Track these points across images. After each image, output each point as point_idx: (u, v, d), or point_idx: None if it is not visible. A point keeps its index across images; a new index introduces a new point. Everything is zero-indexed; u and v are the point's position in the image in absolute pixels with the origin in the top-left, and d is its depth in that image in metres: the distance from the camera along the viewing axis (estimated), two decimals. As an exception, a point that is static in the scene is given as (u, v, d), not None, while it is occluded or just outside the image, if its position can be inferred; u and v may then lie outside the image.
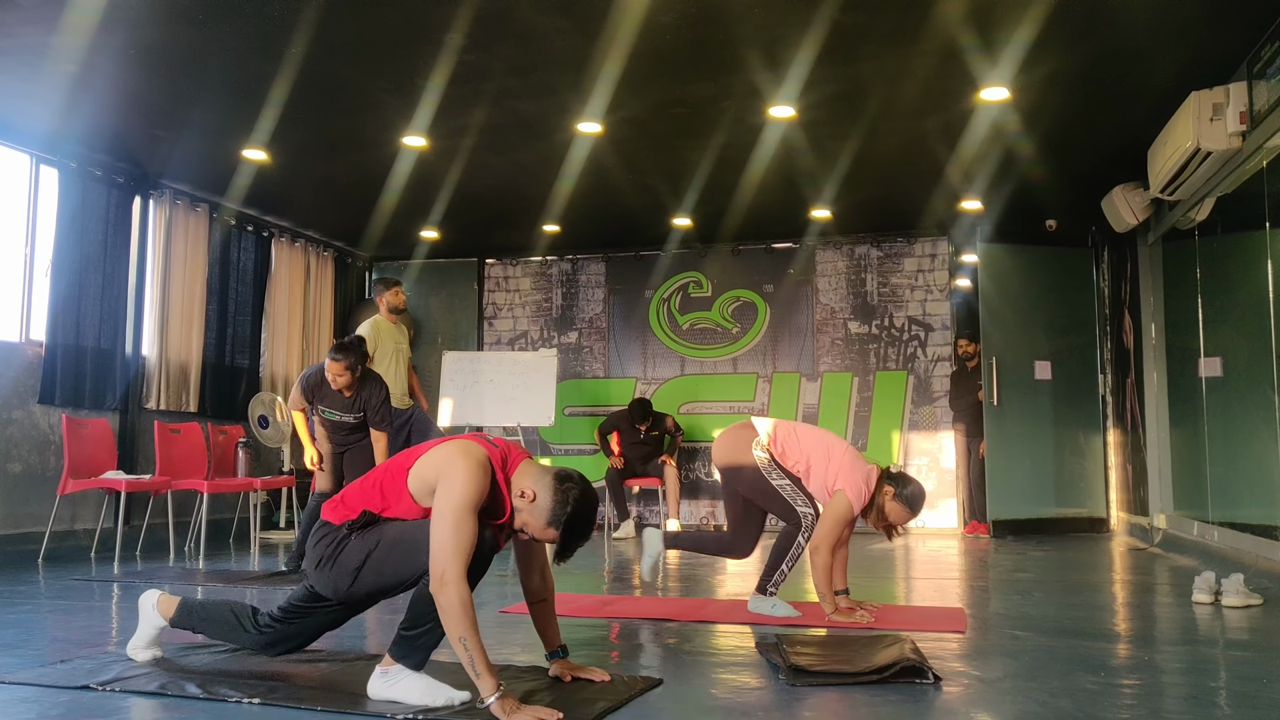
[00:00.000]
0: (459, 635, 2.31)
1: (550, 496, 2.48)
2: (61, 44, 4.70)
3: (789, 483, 3.89)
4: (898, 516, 3.81)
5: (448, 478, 2.44)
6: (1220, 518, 5.92)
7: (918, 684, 2.68)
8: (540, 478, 2.51)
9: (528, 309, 9.36)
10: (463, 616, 2.31)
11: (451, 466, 2.45)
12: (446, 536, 2.36)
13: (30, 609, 4.07)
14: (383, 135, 6.02)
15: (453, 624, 2.32)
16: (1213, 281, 6.11)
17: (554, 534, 2.49)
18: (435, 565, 2.36)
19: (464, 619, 2.31)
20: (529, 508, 2.50)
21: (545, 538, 2.53)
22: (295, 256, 8.49)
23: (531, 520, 2.51)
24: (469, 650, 2.31)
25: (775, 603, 3.90)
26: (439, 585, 2.34)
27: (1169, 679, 2.81)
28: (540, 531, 2.51)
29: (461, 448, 2.50)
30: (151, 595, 2.96)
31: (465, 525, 2.38)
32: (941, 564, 5.93)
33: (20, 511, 5.97)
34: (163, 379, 7.04)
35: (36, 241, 6.23)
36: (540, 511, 2.48)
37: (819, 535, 3.79)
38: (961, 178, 6.91)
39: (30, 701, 2.51)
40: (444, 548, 2.36)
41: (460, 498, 2.40)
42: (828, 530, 3.78)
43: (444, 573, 2.34)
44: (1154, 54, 4.87)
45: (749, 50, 4.78)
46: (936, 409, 8.41)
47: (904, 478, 3.85)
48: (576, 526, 2.49)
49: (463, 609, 2.31)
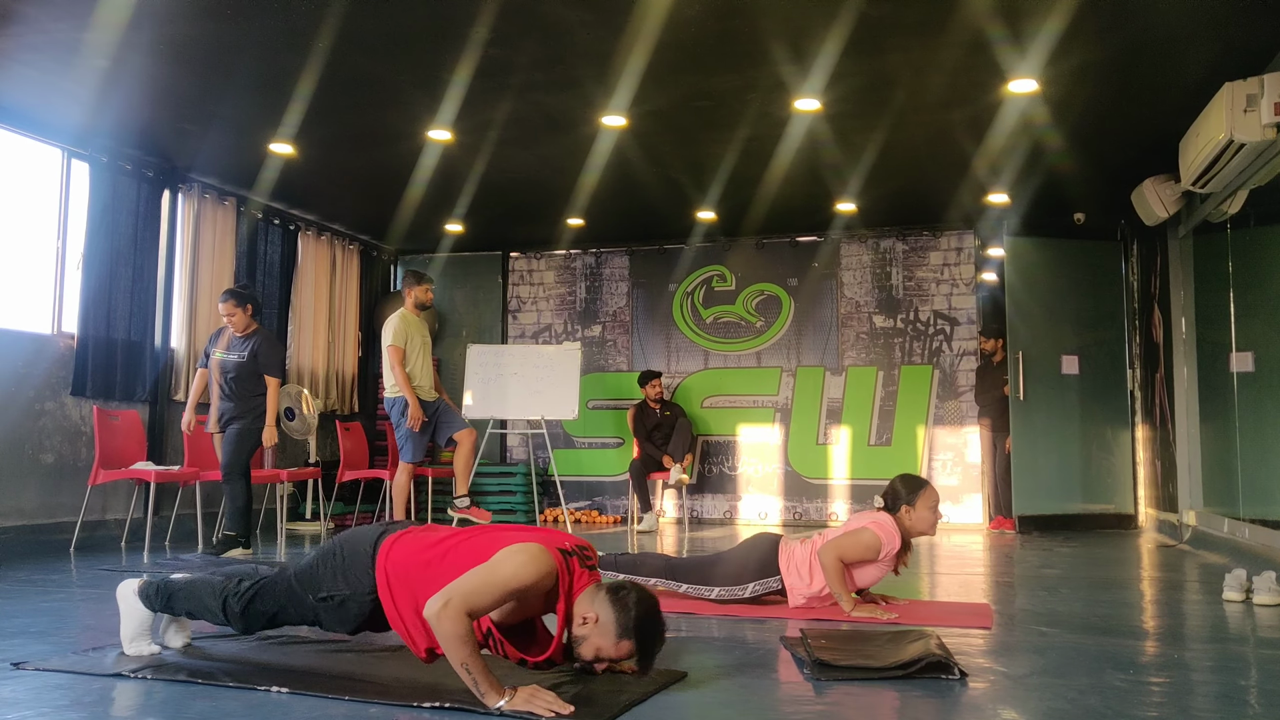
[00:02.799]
0: (460, 661, 2.29)
1: (610, 610, 2.44)
2: (92, 40, 4.75)
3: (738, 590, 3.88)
4: (931, 519, 3.77)
5: (517, 552, 2.39)
6: (1252, 514, 5.84)
7: (943, 679, 2.67)
8: (594, 597, 2.47)
9: (552, 302, 9.37)
10: (461, 642, 2.28)
11: (526, 549, 2.40)
12: (479, 581, 2.33)
13: (63, 597, 4.13)
14: (408, 129, 6.04)
15: (453, 649, 2.29)
16: (1245, 275, 6.02)
17: (629, 645, 2.44)
18: (444, 591, 2.32)
19: (463, 645, 2.28)
20: (595, 630, 2.45)
21: (622, 653, 2.47)
22: (321, 249, 8.55)
23: (603, 642, 2.45)
24: (470, 674, 2.28)
25: None
26: (440, 607, 2.29)
27: (1199, 677, 2.78)
28: (615, 649, 2.45)
29: (541, 551, 2.43)
30: (130, 584, 2.93)
31: (502, 590, 2.34)
32: (967, 559, 5.89)
33: (53, 501, 6.06)
34: (191, 371, 7.10)
35: (68, 235, 6.31)
36: (607, 629, 2.43)
37: (828, 551, 3.73)
38: (988, 170, 6.85)
39: (63, 689, 2.55)
40: (471, 586, 2.32)
41: (514, 575, 2.35)
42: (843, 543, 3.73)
43: (449, 600, 2.29)
44: (1186, 44, 4.80)
45: (774, 42, 4.76)
46: (962, 403, 8.36)
47: (896, 488, 3.81)
48: (647, 627, 2.44)
49: (459, 636, 2.28)
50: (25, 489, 5.90)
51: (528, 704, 2.25)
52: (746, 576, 3.90)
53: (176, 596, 2.85)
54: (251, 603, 2.73)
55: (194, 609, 2.83)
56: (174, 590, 2.86)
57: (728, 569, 3.94)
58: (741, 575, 3.91)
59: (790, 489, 8.62)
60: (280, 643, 3.09)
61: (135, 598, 2.89)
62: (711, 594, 3.93)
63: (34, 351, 6.03)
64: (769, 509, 8.65)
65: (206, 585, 2.82)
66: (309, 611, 2.68)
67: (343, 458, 7.55)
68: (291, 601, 2.69)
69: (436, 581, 2.44)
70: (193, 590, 2.83)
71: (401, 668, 2.78)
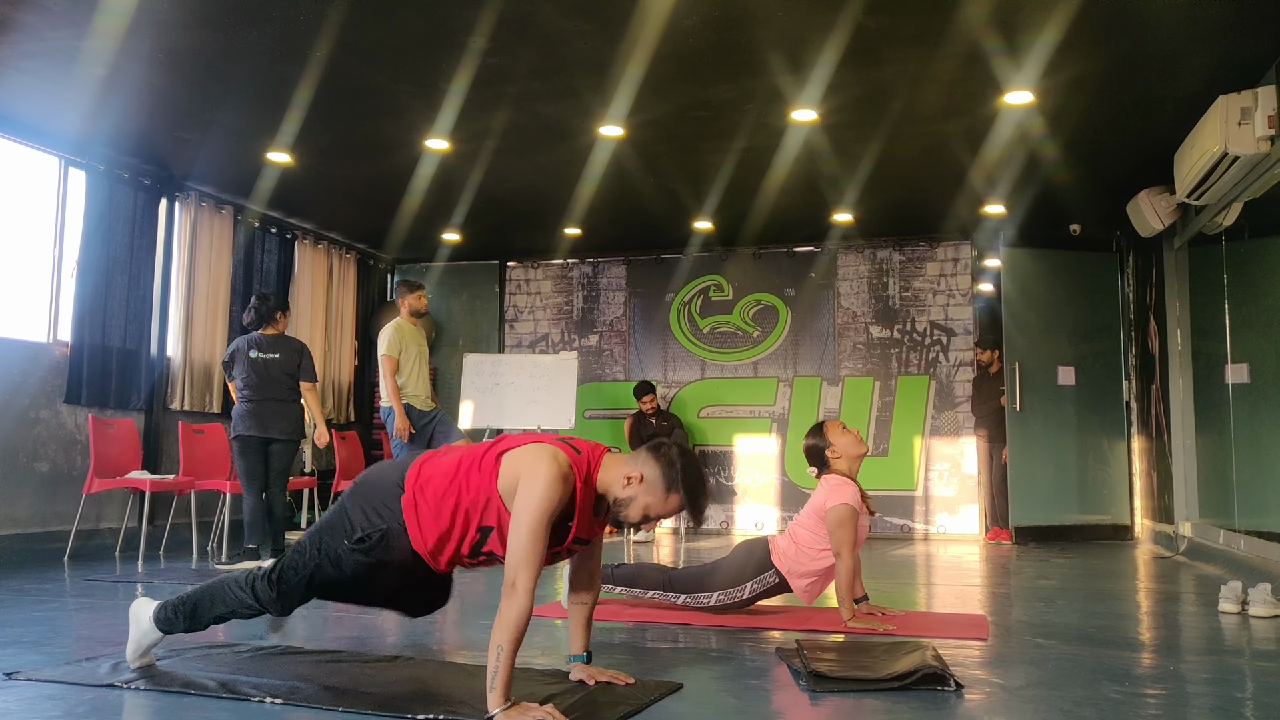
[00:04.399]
0: (499, 642, 2.27)
1: (655, 467, 2.47)
2: (90, 48, 4.75)
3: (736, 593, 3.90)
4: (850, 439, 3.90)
5: (529, 483, 2.40)
6: (1247, 526, 5.85)
7: (939, 691, 2.66)
8: (635, 458, 2.51)
9: (549, 312, 9.37)
10: (514, 627, 2.27)
11: (534, 472, 2.41)
12: (523, 545, 2.34)
13: (56, 607, 4.11)
14: (405, 138, 6.05)
15: (502, 629, 2.27)
16: (1240, 287, 6.04)
17: (678, 499, 2.47)
18: (509, 571, 2.34)
19: (514, 630, 2.27)
20: (642, 489, 2.47)
21: (672, 508, 2.50)
22: (318, 258, 8.55)
23: (651, 499, 2.48)
24: (499, 660, 2.26)
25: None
26: (509, 589, 2.31)
27: (1194, 689, 2.78)
28: (664, 505, 2.48)
29: (548, 453, 2.44)
30: (146, 606, 2.83)
31: (540, 536, 2.35)
32: (963, 570, 5.89)
33: (47, 510, 6.04)
34: (187, 379, 7.10)
35: (65, 243, 6.31)
36: (655, 485, 2.47)
37: (836, 543, 3.77)
38: (985, 181, 6.86)
39: (56, 699, 2.53)
40: (518, 555, 2.33)
41: (539, 507, 2.36)
42: (840, 536, 3.76)
43: (515, 580, 2.31)
44: (1181, 57, 4.83)
45: (771, 53, 4.77)
46: (958, 414, 8.36)
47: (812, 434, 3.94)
48: (694, 478, 2.47)
49: (519, 619, 2.28)
50: (20, 497, 5.88)
51: (521, 716, 2.24)
52: (744, 578, 3.91)
53: (201, 605, 2.74)
54: (283, 575, 2.64)
55: (222, 610, 2.74)
56: (196, 600, 2.75)
57: (725, 574, 3.95)
58: (739, 578, 3.92)
59: (787, 499, 8.62)
60: (274, 654, 3.08)
61: (150, 622, 2.79)
62: (710, 601, 3.93)
63: (29, 360, 6.02)
64: (766, 519, 8.64)
65: (227, 581, 2.75)
66: (347, 565, 2.59)
67: (339, 467, 7.53)
68: (327, 558, 2.61)
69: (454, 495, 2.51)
70: (215, 592, 2.74)
71: (396, 679, 2.77)
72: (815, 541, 3.85)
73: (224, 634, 3.52)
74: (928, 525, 8.31)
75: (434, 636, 3.51)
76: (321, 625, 3.74)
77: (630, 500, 2.49)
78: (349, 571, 2.62)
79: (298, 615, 3.94)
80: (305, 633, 3.56)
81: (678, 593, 3.96)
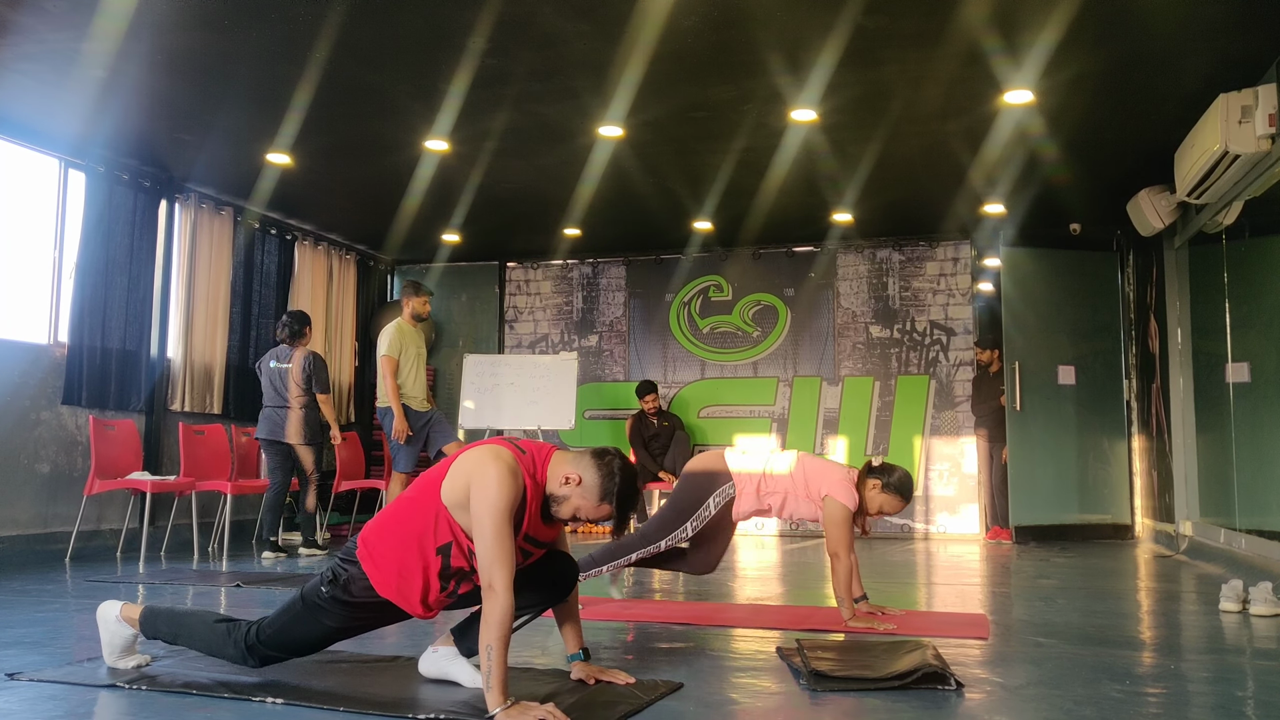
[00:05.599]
0: (488, 643, 2.31)
1: (596, 474, 2.50)
2: (90, 50, 4.76)
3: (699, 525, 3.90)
4: (891, 506, 3.84)
5: (481, 484, 2.43)
6: (1248, 525, 5.85)
7: (939, 690, 2.66)
8: (579, 460, 2.54)
9: (548, 312, 9.38)
10: (499, 625, 2.31)
11: (483, 472, 2.43)
12: (490, 545, 2.37)
13: (58, 608, 4.11)
14: (405, 139, 6.05)
15: (488, 630, 2.32)
16: (1240, 286, 6.04)
17: (608, 509, 2.52)
18: (483, 573, 2.37)
19: (500, 629, 2.31)
20: (577, 492, 2.51)
21: (600, 515, 2.54)
22: (318, 259, 8.55)
23: (584, 503, 2.52)
24: (491, 660, 2.30)
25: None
26: (487, 590, 2.35)
27: (1195, 688, 2.78)
28: (594, 511, 2.53)
29: (491, 452, 2.48)
30: (112, 607, 2.83)
31: (505, 533, 2.38)
32: (964, 570, 5.89)
33: (48, 511, 6.04)
34: (187, 381, 7.10)
35: (65, 245, 6.31)
36: (590, 491, 2.50)
37: (832, 542, 3.78)
38: (984, 181, 6.87)
39: (57, 699, 2.53)
40: (488, 556, 2.36)
41: (495, 503, 2.39)
42: (836, 535, 3.77)
43: (491, 581, 2.35)
44: (1181, 56, 4.83)
45: (770, 53, 4.77)
46: (958, 414, 8.36)
47: (887, 468, 3.86)
48: (628, 494, 2.52)
49: (503, 618, 2.32)
50: (21, 499, 5.89)
51: (521, 715, 2.25)
52: (706, 494, 3.90)
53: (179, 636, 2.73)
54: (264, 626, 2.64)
55: (200, 647, 2.73)
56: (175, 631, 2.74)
57: (686, 501, 3.92)
58: (700, 496, 3.90)
59: (787, 499, 8.60)
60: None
61: (118, 621, 2.80)
62: (687, 533, 3.91)
63: (30, 361, 6.02)
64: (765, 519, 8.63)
65: (208, 621, 2.73)
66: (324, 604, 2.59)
67: (339, 468, 7.54)
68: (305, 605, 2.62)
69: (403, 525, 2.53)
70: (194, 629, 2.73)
71: (396, 680, 2.77)
72: (781, 487, 3.90)
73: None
74: (928, 525, 8.31)
75: (433, 637, 3.51)
76: (322, 626, 3.74)
77: (564, 499, 2.53)
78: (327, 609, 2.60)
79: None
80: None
81: (656, 541, 3.93)
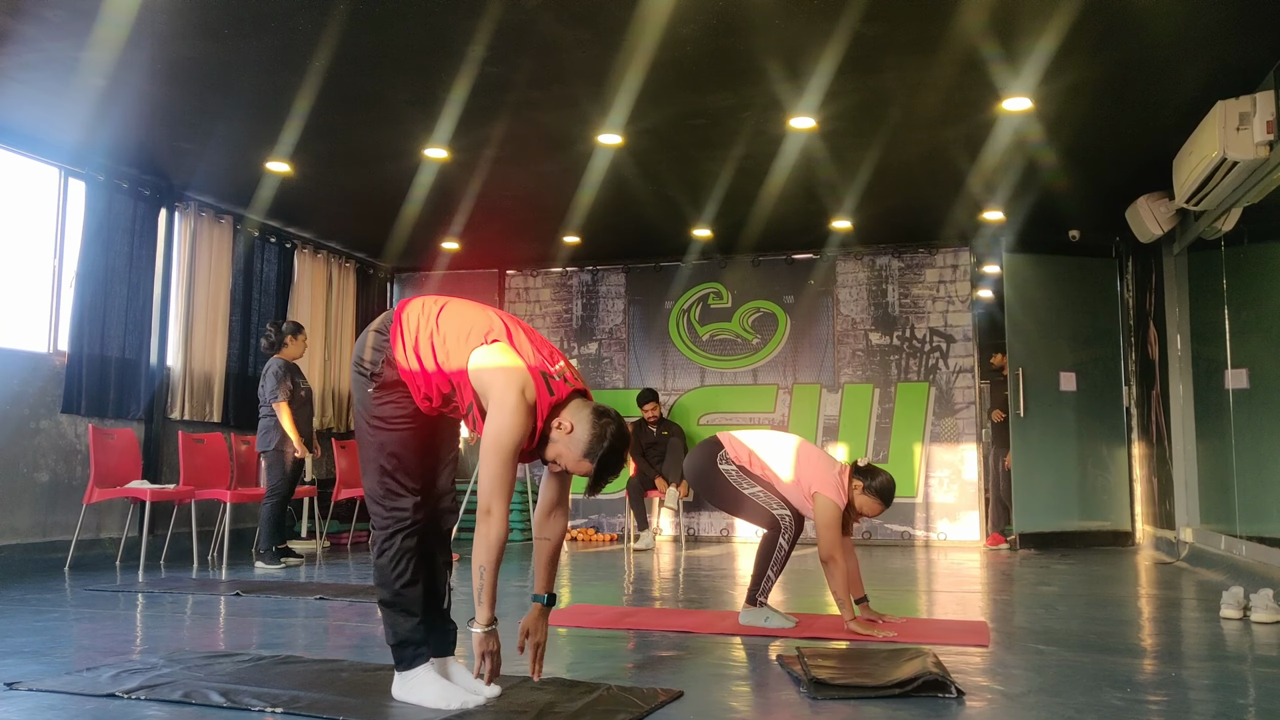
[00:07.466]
0: (481, 564, 2.43)
1: (588, 430, 2.53)
2: (90, 58, 4.77)
3: (760, 489, 3.89)
4: (870, 509, 3.84)
5: (500, 409, 2.45)
6: (1249, 531, 5.84)
7: (940, 698, 2.66)
8: (579, 411, 2.56)
9: (548, 320, 9.38)
10: (493, 548, 2.42)
11: (505, 399, 2.45)
12: (494, 473, 2.44)
13: (57, 617, 4.11)
14: (405, 147, 6.06)
15: (481, 551, 2.43)
16: (1239, 292, 6.04)
17: (588, 467, 2.54)
18: (482, 498, 2.45)
19: (493, 551, 2.43)
20: (565, 440, 2.54)
21: (579, 470, 2.57)
22: (318, 267, 8.56)
23: (567, 452, 2.55)
24: (482, 579, 2.43)
25: (768, 614, 3.87)
26: (484, 515, 2.44)
27: (1196, 695, 2.77)
28: (575, 464, 2.56)
29: (518, 386, 2.46)
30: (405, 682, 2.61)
31: (510, 464, 2.47)
32: (964, 577, 5.88)
33: (48, 520, 6.03)
34: (187, 389, 7.10)
35: (65, 254, 6.31)
36: (577, 444, 2.53)
37: (823, 544, 3.78)
38: (983, 188, 6.87)
39: (56, 709, 2.53)
40: (490, 483, 2.44)
41: (510, 438, 2.44)
42: (827, 536, 3.78)
43: (490, 507, 2.44)
44: (1179, 63, 4.84)
45: (769, 61, 4.78)
46: (958, 420, 8.36)
47: (871, 470, 3.86)
48: (610, 461, 2.54)
49: (497, 542, 2.43)
50: (20, 507, 5.88)
51: (481, 646, 2.46)
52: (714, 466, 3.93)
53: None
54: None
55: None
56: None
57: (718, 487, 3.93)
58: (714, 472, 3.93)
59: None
60: (275, 663, 3.08)
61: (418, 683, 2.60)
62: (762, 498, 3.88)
63: (29, 370, 6.02)
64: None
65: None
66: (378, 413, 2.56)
67: (339, 476, 7.52)
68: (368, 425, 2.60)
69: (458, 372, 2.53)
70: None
71: (396, 687, 2.77)
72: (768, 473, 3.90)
73: (224, 643, 3.52)
74: (928, 532, 8.30)
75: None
76: (321, 635, 3.74)
77: (552, 441, 2.57)
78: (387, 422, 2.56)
79: (297, 623, 3.94)
80: (305, 642, 3.55)
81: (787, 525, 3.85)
